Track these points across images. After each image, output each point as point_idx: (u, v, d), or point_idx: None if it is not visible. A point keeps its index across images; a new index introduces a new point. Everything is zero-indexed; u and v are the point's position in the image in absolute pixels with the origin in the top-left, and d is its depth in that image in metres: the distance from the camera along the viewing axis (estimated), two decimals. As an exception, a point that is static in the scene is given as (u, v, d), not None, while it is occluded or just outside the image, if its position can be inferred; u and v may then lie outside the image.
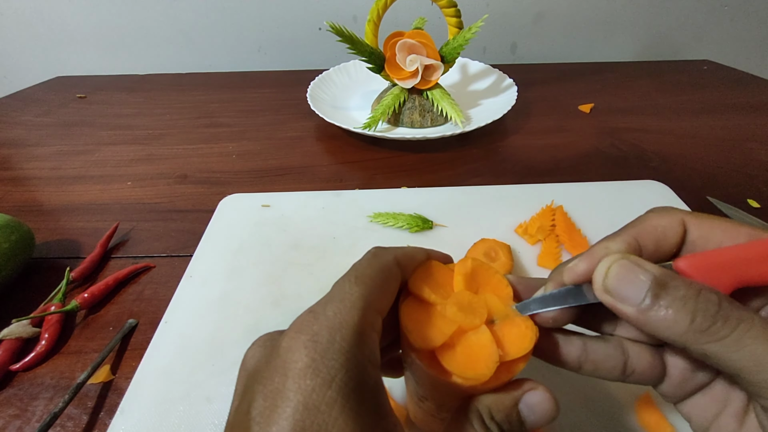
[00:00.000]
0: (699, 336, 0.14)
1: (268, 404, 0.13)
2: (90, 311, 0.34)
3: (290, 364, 0.13)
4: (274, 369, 0.14)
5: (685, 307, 0.14)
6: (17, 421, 0.27)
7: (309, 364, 0.13)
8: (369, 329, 0.15)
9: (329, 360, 0.13)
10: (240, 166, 0.53)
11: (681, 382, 0.18)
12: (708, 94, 0.69)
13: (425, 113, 0.57)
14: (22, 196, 0.49)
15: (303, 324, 0.14)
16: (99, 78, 0.84)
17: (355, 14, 0.83)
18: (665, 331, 0.14)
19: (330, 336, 0.14)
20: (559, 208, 0.40)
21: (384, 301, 0.16)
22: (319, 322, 0.14)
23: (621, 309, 0.15)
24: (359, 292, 0.15)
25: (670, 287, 0.14)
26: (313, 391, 0.13)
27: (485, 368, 0.16)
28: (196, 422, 0.25)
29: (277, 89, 0.75)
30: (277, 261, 0.36)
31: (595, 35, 0.87)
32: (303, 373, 0.13)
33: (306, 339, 0.14)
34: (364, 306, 0.15)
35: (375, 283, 0.16)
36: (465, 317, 0.17)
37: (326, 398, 0.13)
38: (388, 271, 0.17)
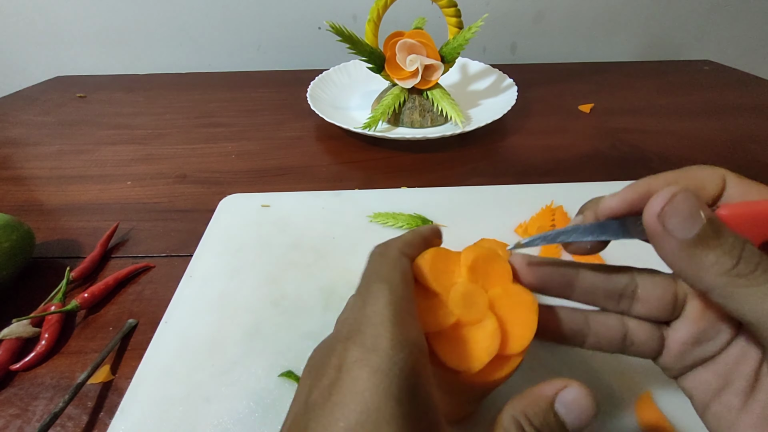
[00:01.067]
0: (737, 279, 0.14)
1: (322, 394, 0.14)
2: (90, 311, 0.34)
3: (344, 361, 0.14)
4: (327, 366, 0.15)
5: (732, 252, 0.14)
6: (17, 421, 0.27)
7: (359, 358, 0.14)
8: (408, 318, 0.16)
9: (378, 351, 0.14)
10: (240, 166, 0.53)
11: (680, 354, 0.18)
12: (709, 94, 0.69)
13: (425, 113, 0.57)
14: (22, 196, 0.49)
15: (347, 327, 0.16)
16: (99, 78, 0.84)
17: (355, 14, 0.83)
18: (701, 271, 0.15)
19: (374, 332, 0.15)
20: (559, 208, 0.40)
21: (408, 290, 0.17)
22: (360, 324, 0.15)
23: (665, 240, 0.15)
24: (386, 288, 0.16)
25: (721, 231, 0.15)
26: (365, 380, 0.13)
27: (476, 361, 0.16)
28: (196, 422, 0.25)
29: (277, 89, 0.75)
30: (277, 261, 0.36)
31: (595, 35, 0.87)
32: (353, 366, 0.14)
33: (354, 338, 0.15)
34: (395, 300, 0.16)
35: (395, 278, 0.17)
36: (465, 311, 0.17)
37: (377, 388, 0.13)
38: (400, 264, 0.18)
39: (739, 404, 0.16)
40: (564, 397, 0.15)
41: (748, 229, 0.15)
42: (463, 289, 0.18)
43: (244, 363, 0.28)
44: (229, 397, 0.27)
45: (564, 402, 0.15)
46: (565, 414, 0.15)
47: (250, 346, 0.29)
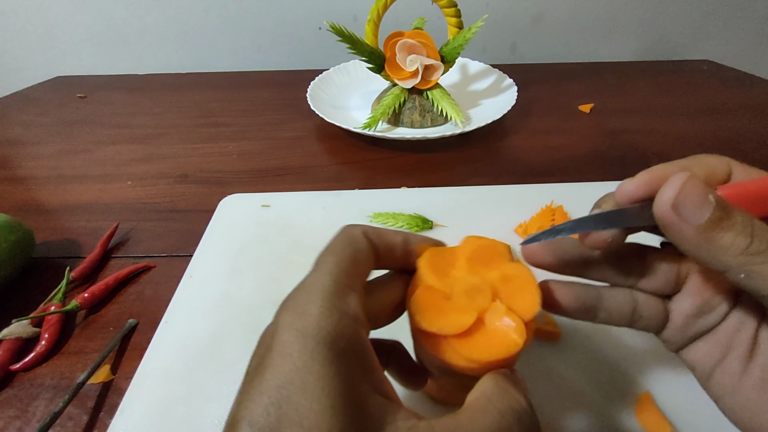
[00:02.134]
0: (752, 258, 0.15)
1: (257, 361, 0.15)
2: (90, 311, 0.34)
3: (277, 327, 0.15)
4: (265, 334, 0.16)
5: (744, 231, 0.15)
6: (17, 422, 0.27)
7: (290, 322, 0.15)
8: (345, 289, 0.16)
9: (306, 316, 0.15)
10: (240, 166, 0.53)
11: (682, 327, 0.19)
12: (707, 94, 0.69)
13: (425, 113, 0.57)
14: (22, 196, 0.49)
15: (288, 297, 0.16)
16: (99, 78, 0.84)
17: (355, 14, 0.83)
18: (718, 253, 0.15)
19: (306, 297, 0.15)
20: (559, 208, 0.40)
21: (358, 266, 0.18)
22: (299, 290, 0.16)
23: (681, 228, 0.15)
24: (332, 260, 0.17)
25: (730, 212, 0.15)
26: (292, 342, 0.14)
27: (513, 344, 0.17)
28: (196, 422, 0.25)
29: (277, 89, 0.75)
30: (277, 261, 0.36)
31: (594, 35, 0.87)
32: (284, 330, 0.14)
33: (289, 303, 0.16)
34: (336, 271, 0.16)
35: (345, 252, 0.17)
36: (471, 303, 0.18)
37: (304, 348, 0.14)
38: (356, 241, 0.18)
39: (740, 369, 0.17)
40: None
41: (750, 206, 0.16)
42: (466, 284, 0.19)
43: (245, 363, 0.28)
44: (230, 396, 0.26)
45: None
46: None
47: (251, 346, 0.29)
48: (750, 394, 0.16)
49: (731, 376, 0.17)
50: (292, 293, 0.16)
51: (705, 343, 0.18)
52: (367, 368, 0.15)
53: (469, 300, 0.18)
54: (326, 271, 0.16)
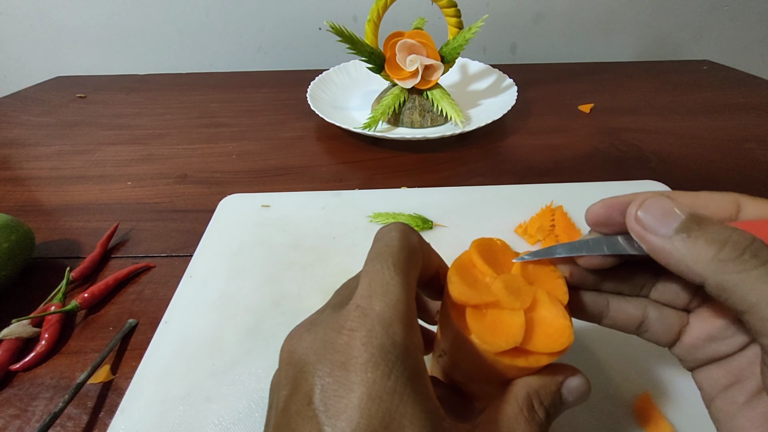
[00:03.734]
0: (723, 265, 0.14)
1: (332, 395, 0.14)
2: (90, 311, 0.34)
3: (351, 360, 0.14)
4: (333, 363, 0.14)
5: (715, 239, 0.14)
6: (17, 421, 0.27)
7: (369, 359, 0.14)
8: (414, 318, 0.16)
9: (386, 353, 0.14)
10: (240, 166, 0.53)
11: (692, 349, 0.18)
12: (707, 94, 0.69)
13: (425, 113, 0.57)
14: (22, 196, 0.49)
15: (355, 321, 0.15)
16: (99, 78, 0.84)
17: (355, 14, 0.83)
18: (688, 262, 0.15)
19: (383, 331, 0.14)
20: (559, 208, 0.40)
21: (415, 282, 0.17)
22: (370, 318, 0.15)
23: (648, 238, 0.16)
24: (400, 282, 0.16)
25: (703, 222, 0.15)
26: (375, 382, 0.13)
27: (504, 341, 0.17)
28: (196, 422, 0.25)
29: (277, 89, 0.75)
30: (277, 261, 0.36)
31: (595, 35, 0.87)
32: (364, 368, 0.14)
33: (363, 336, 0.14)
34: (407, 298, 0.16)
35: (410, 269, 0.17)
36: (508, 297, 0.18)
37: (387, 388, 0.13)
38: (418, 254, 0.18)
39: (743, 401, 0.16)
40: (570, 383, 0.18)
41: None
42: (513, 279, 0.19)
43: (244, 363, 0.28)
44: (229, 396, 0.27)
45: (569, 387, 0.18)
46: (566, 397, 0.18)
47: (250, 346, 0.29)
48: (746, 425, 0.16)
49: (732, 404, 0.17)
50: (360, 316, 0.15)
51: (716, 368, 0.18)
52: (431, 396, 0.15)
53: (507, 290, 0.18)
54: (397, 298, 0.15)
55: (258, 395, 0.26)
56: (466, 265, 0.19)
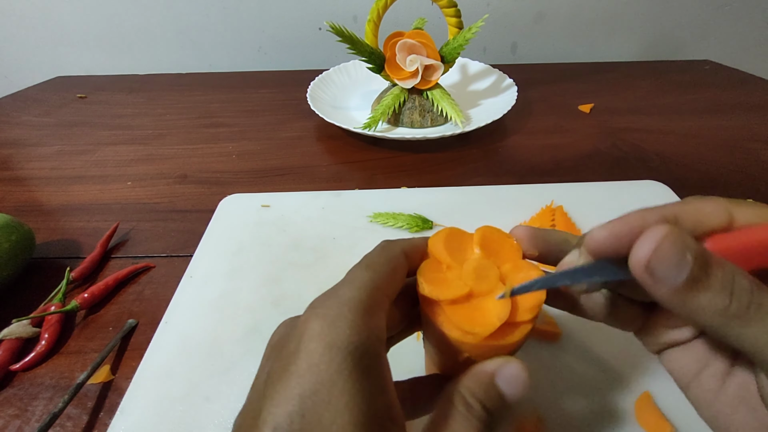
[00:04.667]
0: (730, 321, 0.14)
1: (282, 365, 0.15)
2: (90, 311, 0.34)
3: (304, 333, 0.15)
4: (290, 337, 0.16)
5: (723, 292, 0.14)
6: (17, 421, 0.27)
7: (319, 332, 0.15)
8: (376, 308, 0.16)
9: (337, 329, 0.15)
10: (240, 166, 0.53)
11: (656, 335, 0.19)
12: (709, 94, 0.69)
13: (425, 113, 0.57)
14: (22, 196, 0.49)
15: (318, 301, 0.16)
16: (99, 78, 0.84)
17: (355, 14, 0.83)
18: (696, 314, 0.14)
19: (339, 310, 0.15)
20: (559, 208, 0.39)
21: (392, 286, 0.18)
22: (331, 299, 0.16)
23: (655, 289, 0.15)
24: (368, 276, 0.17)
25: (710, 268, 0.14)
26: (321, 354, 0.14)
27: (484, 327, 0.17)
28: (196, 422, 0.25)
29: (277, 89, 0.75)
30: (277, 261, 0.36)
31: (595, 35, 0.87)
32: (312, 339, 0.15)
33: (319, 312, 0.15)
34: (372, 288, 0.17)
35: (383, 270, 0.18)
36: (478, 283, 0.18)
37: (331, 362, 0.14)
38: (395, 260, 0.18)
39: (716, 386, 0.17)
40: (504, 373, 0.17)
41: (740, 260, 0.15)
42: (476, 264, 0.19)
43: (244, 363, 0.28)
44: (229, 396, 0.27)
45: (504, 377, 0.17)
46: (505, 388, 0.17)
47: (250, 346, 0.29)
48: (725, 410, 0.16)
49: (707, 392, 0.17)
50: (321, 300, 0.16)
51: (681, 353, 0.18)
52: (384, 389, 0.15)
53: (476, 276, 0.19)
54: (361, 285, 0.16)
55: (258, 395, 0.26)
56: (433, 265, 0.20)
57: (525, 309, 0.18)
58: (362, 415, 0.14)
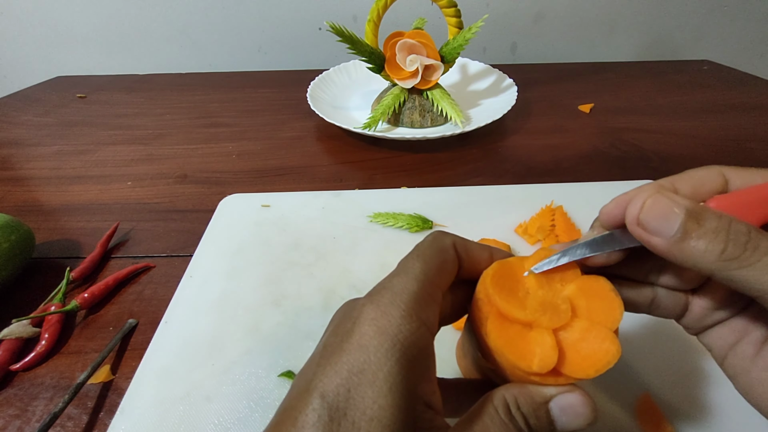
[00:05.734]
0: (728, 263, 0.15)
1: (337, 340, 0.16)
2: (90, 311, 0.34)
3: (359, 317, 0.16)
4: (348, 317, 0.17)
5: (717, 238, 0.15)
6: (17, 421, 0.27)
7: (372, 317, 0.16)
8: (427, 298, 0.17)
9: (388, 316, 0.16)
10: (240, 166, 0.53)
11: (700, 318, 0.19)
12: (708, 94, 0.69)
13: (425, 113, 0.57)
14: (22, 196, 0.49)
15: (375, 290, 0.17)
16: (99, 78, 0.84)
17: (355, 14, 0.83)
18: (696, 261, 0.15)
19: (392, 299, 0.16)
20: (559, 208, 0.40)
21: (442, 277, 0.18)
22: (386, 288, 0.17)
23: (652, 241, 0.16)
24: (420, 267, 0.17)
25: (702, 219, 0.15)
26: (371, 337, 0.15)
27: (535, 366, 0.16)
28: (196, 422, 0.25)
29: (277, 89, 0.75)
30: (277, 261, 0.36)
31: (595, 35, 0.87)
32: (365, 322, 0.16)
33: (375, 299, 0.16)
34: (423, 279, 0.17)
35: (434, 261, 0.18)
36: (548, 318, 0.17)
37: (380, 346, 0.15)
38: (446, 251, 0.19)
39: (753, 352, 0.17)
40: (562, 400, 0.16)
41: (745, 213, 0.16)
42: (539, 297, 0.18)
43: (244, 363, 0.28)
44: (230, 396, 0.27)
45: (561, 404, 0.16)
46: (557, 415, 0.16)
47: (250, 346, 0.29)
48: (761, 375, 0.17)
49: (744, 359, 0.18)
50: (378, 289, 0.17)
51: (722, 328, 0.19)
52: (427, 378, 0.16)
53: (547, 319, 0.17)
54: (414, 276, 0.17)
55: (258, 395, 0.26)
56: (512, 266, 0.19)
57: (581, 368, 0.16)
58: (403, 399, 0.14)
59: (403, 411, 0.14)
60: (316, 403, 0.14)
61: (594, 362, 0.16)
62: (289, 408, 0.15)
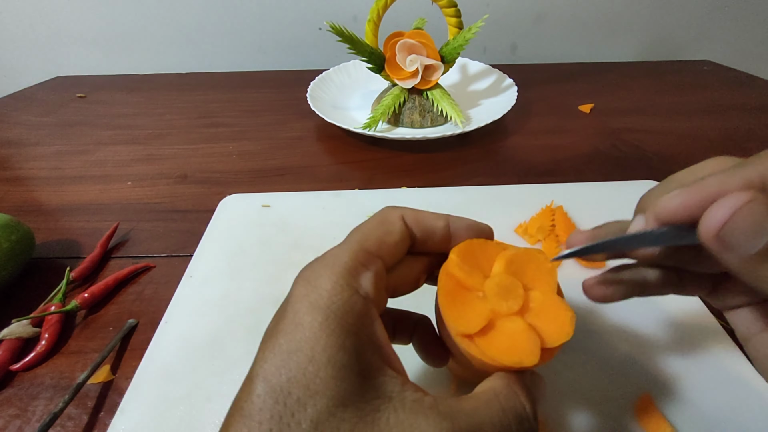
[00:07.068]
0: None
1: (273, 324, 0.16)
2: (90, 311, 0.34)
3: (292, 296, 0.16)
4: (285, 300, 0.17)
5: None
6: (17, 421, 0.27)
7: (303, 294, 0.16)
8: (360, 268, 0.17)
9: (318, 290, 0.16)
10: (240, 166, 0.53)
11: (727, 298, 0.19)
12: (708, 94, 0.69)
13: (425, 113, 0.57)
14: (22, 196, 0.49)
15: (307, 266, 0.17)
16: (99, 78, 0.84)
17: (355, 14, 0.83)
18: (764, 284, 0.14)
19: (321, 272, 0.16)
20: (559, 208, 0.40)
21: (383, 248, 0.18)
22: (317, 262, 0.17)
23: (727, 258, 0.14)
24: (355, 238, 0.18)
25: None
26: (304, 314, 0.15)
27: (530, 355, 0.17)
28: (196, 422, 0.25)
29: (277, 89, 0.75)
30: (277, 261, 0.36)
31: (595, 35, 0.87)
32: (297, 300, 0.16)
33: (304, 274, 0.17)
34: (357, 249, 0.17)
35: (373, 232, 0.18)
36: (502, 303, 0.18)
37: (314, 321, 0.15)
38: (389, 223, 0.19)
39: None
40: None
41: None
42: (499, 281, 0.18)
43: (245, 363, 0.28)
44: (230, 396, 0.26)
45: None
46: None
47: (251, 346, 0.29)
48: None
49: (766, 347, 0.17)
50: (310, 264, 0.17)
51: (749, 312, 0.18)
52: (375, 344, 0.16)
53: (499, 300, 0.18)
54: (347, 248, 0.17)
55: (258, 395, 0.26)
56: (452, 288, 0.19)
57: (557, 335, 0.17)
58: (347, 370, 0.14)
59: (347, 380, 0.14)
60: (260, 389, 0.14)
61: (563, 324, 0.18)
62: (237, 399, 0.15)
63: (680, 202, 0.15)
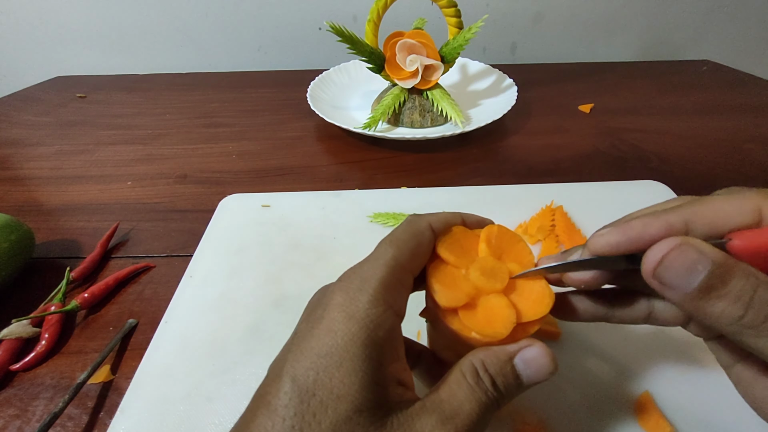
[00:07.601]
0: (744, 330, 0.14)
1: (307, 326, 0.17)
2: (90, 311, 0.34)
3: (329, 303, 0.17)
4: (319, 304, 0.18)
5: (738, 302, 0.14)
6: (17, 421, 0.27)
7: (341, 303, 0.16)
8: (396, 283, 0.17)
9: (356, 302, 0.16)
10: (240, 166, 0.53)
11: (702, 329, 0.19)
12: (707, 94, 0.69)
13: (425, 113, 0.57)
14: (22, 196, 0.49)
15: (345, 275, 0.18)
16: (99, 78, 0.84)
17: (355, 14, 0.83)
18: (709, 319, 0.14)
19: (360, 285, 0.17)
20: (559, 208, 0.40)
21: (415, 261, 0.19)
22: (355, 273, 0.18)
23: (668, 295, 0.15)
24: (391, 253, 0.18)
25: (728, 278, 0.14)
26: (339, 322, 0.16)
27: (502, 327, 0.18)
28: (196, 422, 0.25)
29: (277, 89, 0.75)
30: (277, 261, 0.36)
31: (595, 35, 0.87)
32: (334, 308, 0.16)
33: (344, 285, 0.17)
34: (393, 265, 0.18)
35: (407, 246, 0.18)
36: (486, 282, 0.19)
37: (348, 330, 0.16)
38: (420, 235, 0.19)
39: (758, 370, 0.17)
40: (525, 354, 0.17)
41: None
42: (484, 262, 0.19)
43: (245, 363, 0.28)
44: (230, 396, 0.27)
45: (524, 358, 0.17)
46: (522, 369, 0.17)
47: (251, 346, 0.29)
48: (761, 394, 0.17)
49: (749, 374, 0.17)
50: (348, 274, 0.18)
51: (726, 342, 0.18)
52: (396, 357, 0.17)
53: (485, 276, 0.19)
54: (384, 262, 0.18)
55: (258, 395, 0.26)
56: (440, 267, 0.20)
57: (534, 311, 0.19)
58: (369, 378, 0.15)
59: (368, 389, 0.15)
60: (287, 386, 0.15)
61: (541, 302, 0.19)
62: (264, 393, 0.16)
63: (606, 240, 0.17)
